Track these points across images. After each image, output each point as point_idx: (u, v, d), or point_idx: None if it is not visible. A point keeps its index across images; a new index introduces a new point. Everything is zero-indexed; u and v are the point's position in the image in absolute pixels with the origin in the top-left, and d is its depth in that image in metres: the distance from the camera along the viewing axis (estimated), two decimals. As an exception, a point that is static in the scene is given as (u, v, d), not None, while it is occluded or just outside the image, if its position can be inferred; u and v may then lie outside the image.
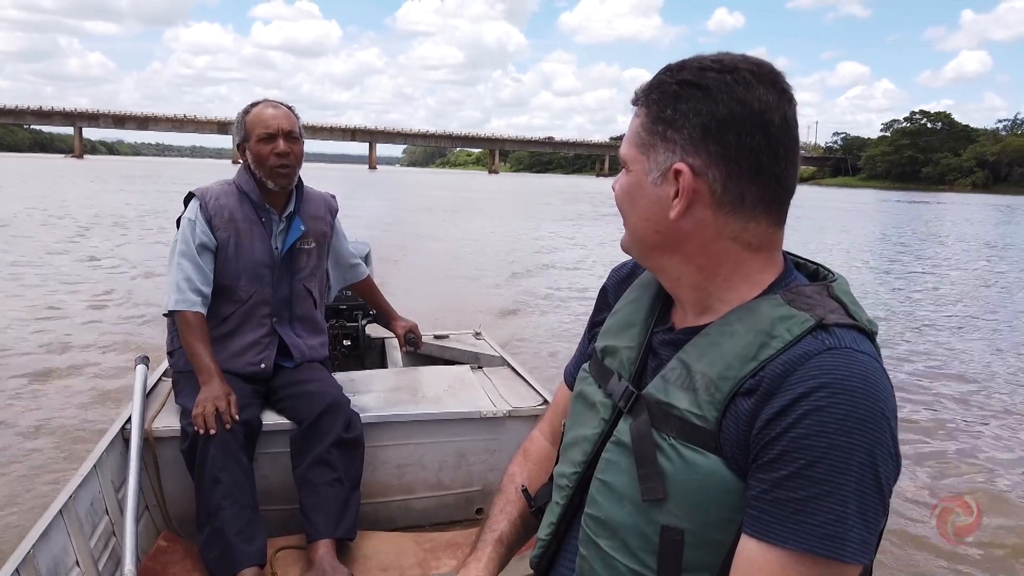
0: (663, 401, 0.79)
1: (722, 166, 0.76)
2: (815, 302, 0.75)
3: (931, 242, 17.81)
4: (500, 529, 1.03)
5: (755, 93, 0.75)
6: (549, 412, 1.14)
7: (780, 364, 0.71)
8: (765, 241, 0.79)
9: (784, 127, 0.76)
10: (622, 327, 0.92)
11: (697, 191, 0.77)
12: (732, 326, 0.77)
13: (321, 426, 2.02)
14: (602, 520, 0.83)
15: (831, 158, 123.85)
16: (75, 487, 1.73)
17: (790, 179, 0.78)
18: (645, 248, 0.84)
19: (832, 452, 0.66)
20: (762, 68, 0.77)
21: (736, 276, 0.80)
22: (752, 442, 0.71)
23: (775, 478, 0.69)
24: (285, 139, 2.13)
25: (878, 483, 0.68)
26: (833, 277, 0.82)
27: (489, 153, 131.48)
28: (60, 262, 9.20)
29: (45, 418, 3.73)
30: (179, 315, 2.07)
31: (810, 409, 0.67)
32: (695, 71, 0.77)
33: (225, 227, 2.14)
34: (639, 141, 0.81)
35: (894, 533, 2.88)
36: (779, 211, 0.79)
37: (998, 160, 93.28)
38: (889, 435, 0.69)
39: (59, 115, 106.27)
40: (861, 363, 0.69)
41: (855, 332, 0.73)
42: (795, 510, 0.67)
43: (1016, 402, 4.86)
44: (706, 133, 0.75)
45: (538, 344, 5.75)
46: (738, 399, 0.73)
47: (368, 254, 2.90)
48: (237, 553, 1.82)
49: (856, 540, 0.67)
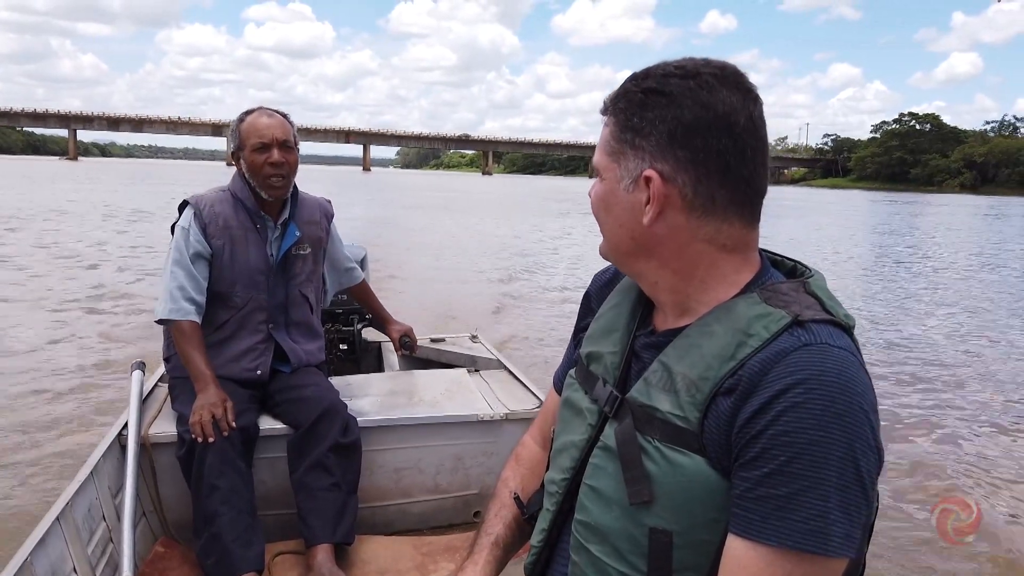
0: (646, 404, 0.79)
1: (691, 170, 0.76)
2: (791, 299, 0.76)
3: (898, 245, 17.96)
4: (496, 532, 1.04)
5: (719, 96, 0.75)
6: (539, 418, 1.15)
7: (758, 362, 0.72)
8: (739, 242, 0.80)
9: (750, 128, 0.77)
10: (605, 332, 0.92)
11: (668, 196, 0.78)
12: (710, 327, 0.78)
13: (318, 431, 2.02)
14: (592, 526, 0.83)
15: (821, 159, 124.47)
16: (72, 493, 1.73)
17: (760, 179, 0.79)
18: (621, 254, 0.86)
19: (811, 447, 0.67)
20: (725, 71, 0.78)
21: (712, 277, 0.81)
22: (733, 441, 0.72)
23: (757, 476, 0.69)
24: (279, 149, 2.12)
25: (859, 476, 0.68)
26: (810, 273, 0.83)
27: (483, 155, 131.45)
28: (59, 263, 9.16)
29: (40, 425, 3.71)
30: (173, 324, 2.07)
31: (788, 406, 0.68)
32: (659, 78, 0.78)
33: (220, 234, 2.13)
34: (610, 149, 0.82)
35: (894, 533, 2.88)
36: (751, 211, 0.80)
37: (986, 161, 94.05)
38: (868, 428, 0.69)
39: (54, 117, 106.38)
40: (837, 358, 0.70)
41: (831, 327, 0.74)
42: (777, 507, 0.68)
43: (1017, 402, 4.89)
44: (673, 139, 0.76)
45: (534, 346, 5.75)
46: (719, 399, 0.74)
47: (364, 258, 2.90)
48: (235, 558, 1.82)
49: (840, 534, 0.67)
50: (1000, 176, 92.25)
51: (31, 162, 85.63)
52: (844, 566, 0.70)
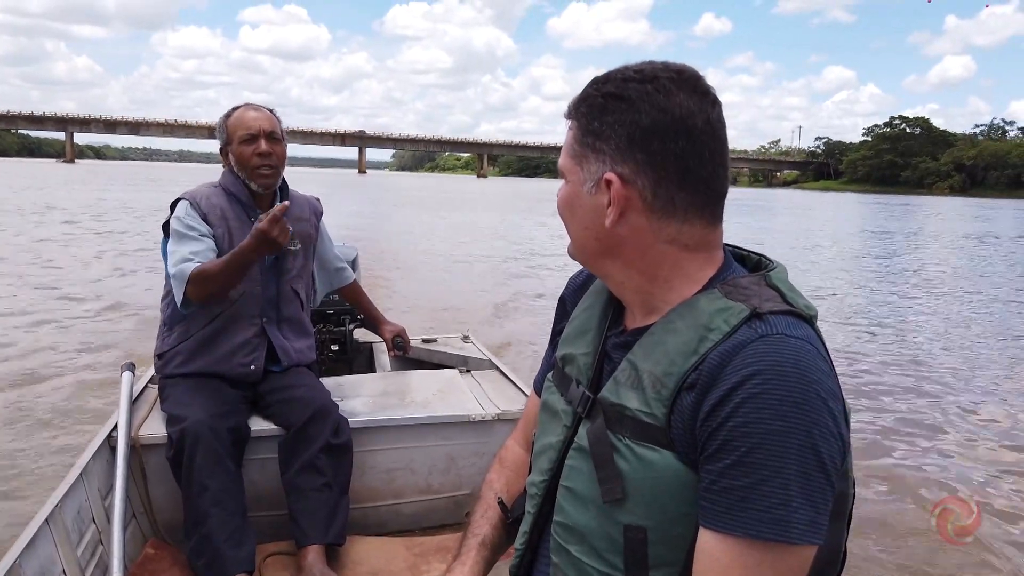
0: (616, 403, 0.81)
1: (650, 173, 0.78)
2: (752, 292, 0.77)
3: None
4: (483, 533, 1.04)
5: (675, 100, 0.77)
6: (521, 421, 1.16)
7: (717, 356, 0.73)
8: (702, 241, 0.81)
9: (708, 130, 0.78)
10: (578, 334, 0.94)
11: (628, 199, 0.79)
12: (673, 323, 0.79)
13: (309, 431, 2.02)
14: (570, 527, 0.84)
15: (813, 162, 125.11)
16: (61, 496, 1.72)
17: (719, 180, 0.80)
18: (587, 255, 0.87)
19: (770, 437, 0.68)
20: (683, 75, 0.79)
21: (676, 276, 0.82)
22: (697, 434, 0.73)
23: (720, 468, 0.70)
24: (267, 140, 2.13)
25: (821, 463, 0.69)
26: (772, 266, 0.84)
27: (478, 157, 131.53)
28: (55, 263, 9.13)
29: (28, 426, 3.68)
30: (189, 281, 1.98)
31: (746, 397, 0.69)
32: (618, 83, 0.79)
33: (219, 223, 2.13)
34: (573, 153, 0.84)
35: (894, 533, 2.89)
36: (712, 211, 0.81)
37: (974, 164, 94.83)
38: (827, 414, 0.70)
39: (52, 120, 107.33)
40: (793, 347, 0.71)
41: (790, 317, 0.75)
42: (741, 498, 0.69)
43: (1018, 400, 4.91)
44: (631, 142, 0.78)
45: (526, 347, 5.75)
46: (683, 394, 0.75)
47: (355, 259, 2.90)
48: (225, 560, 1.81)
49: (803, 521, 0.68)
50: (989, 179, 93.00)
51: (28, 164, 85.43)
52: (812, 552, 0.71)
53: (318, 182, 39.59)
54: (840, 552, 0.82)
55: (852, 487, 0.79)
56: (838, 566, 0.83)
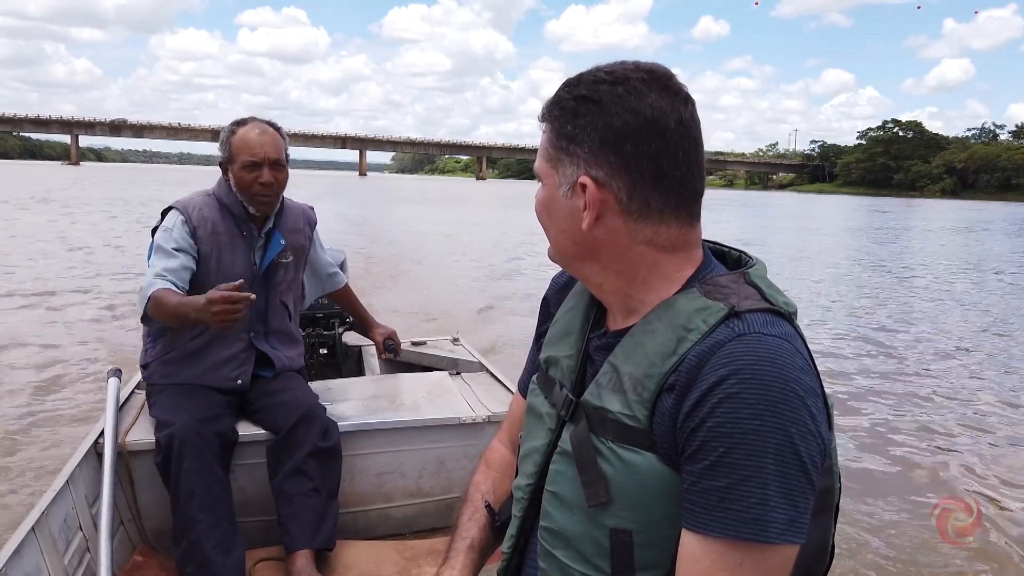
0: (598, 406, 0.80)
1: (624, 175, 0.77)
2: (731, 291, 0.77)
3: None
4: (471, 536, 1.04)
5: (647, 101, 0.76)
6: (506, 423, 1.16)
7: (695, 356, 0.73)
8: (679, 242, 0.81)
9: (681, 130, 0.77)
10: (561, 336, 0.93)
11: (604, 201, 0.79)
12: (652, 324, 0.79)
13: (297, 436, 2.01)
14: (556, 531, 0.84)
15: (808, 165, 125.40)
16: (47, 503, 1.71)
17: (695, 180, 0.79)
18: (566, 258, 0.87)
19: (748, 437, 0.67)
20: (654, 75, 0.78)
21: (654, 277, 0.81)
22: (678, 436, 0.73)
23: (699, 469, 0.70)
24: (271, 168, 2.07)
25: (800, 461, 0.68)
26: (751, 263, 0.84)
27: (477, 160, 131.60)
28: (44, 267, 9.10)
29: (13, 433, 3.63)
30: (151, 302, 1.89)
31: (723, 397, 0.69)
32: (589, 84, 0.79)
33: (208, 239, 2.09)
34: (548, 156, 0.83)
35: (894, 533, 2.88)
36: (688, 211, 0.80)
37: (966, 167, 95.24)
38: (805, 412, 0.69)
39: (56, 123, 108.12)
40: (769, 346, 0.71)
41: (769, 315, 0.74)
42: (720, 498, 0.69)
43: (1017, 401, 4.90)
44: (604, 145, 0.77)
45: (517, 348, 5.73)
46: (663, 395, 0.75)
47: (344, 261, 2.89)
48: (215, 566, 1.80)
49: (781, 521, 0.68)
50: (980, 181, 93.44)
51: (34, 167, 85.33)
52: (794, 552, 0.70)
53: (321, 185, 39.66)
54: (827, 547, 0.81)
55: (838, 481, 0.79)
56: (826, 561, 0.83)
